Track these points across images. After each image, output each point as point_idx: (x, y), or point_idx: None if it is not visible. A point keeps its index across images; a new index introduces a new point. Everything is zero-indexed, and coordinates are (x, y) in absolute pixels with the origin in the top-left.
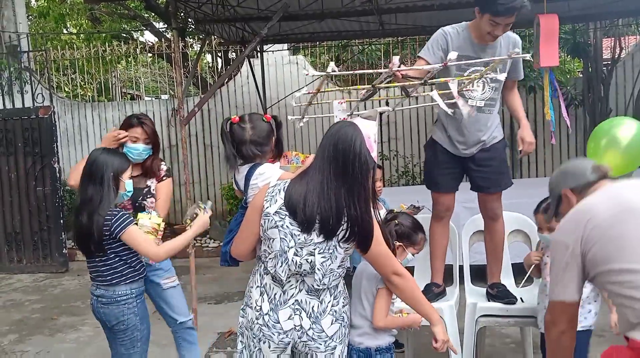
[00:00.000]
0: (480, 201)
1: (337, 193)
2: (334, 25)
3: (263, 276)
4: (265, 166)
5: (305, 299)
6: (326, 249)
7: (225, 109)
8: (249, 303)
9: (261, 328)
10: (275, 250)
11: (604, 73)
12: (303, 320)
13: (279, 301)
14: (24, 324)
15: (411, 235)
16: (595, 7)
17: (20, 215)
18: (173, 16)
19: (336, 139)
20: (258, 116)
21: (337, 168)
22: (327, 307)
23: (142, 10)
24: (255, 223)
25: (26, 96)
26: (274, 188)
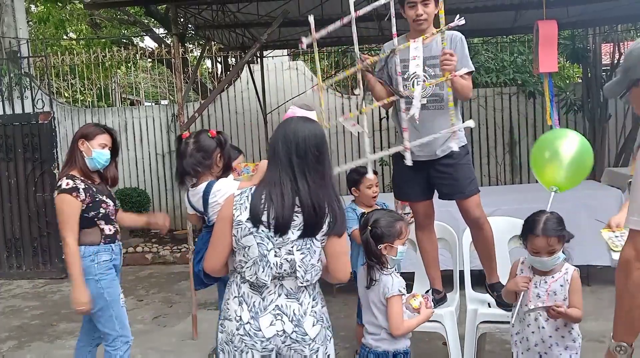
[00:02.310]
0: (461, 210)
1: (320, 191)
2: (334, 31)
3: (240, 286)
4: (220, 183)
5: (285, 303)
6: (303, 245)
7: (225, 114)
8: (227, 316)
9: (242, 338)
10: (254, 257)
11: (603, 78)
12: (285, 324)
13: (259, 309)
14: (23, 330)
15: (390, 230)
16: (594, 12)
17: (19, 221)
18: (173, 22)
19: (287, 137)
20: (203, 132)
21: (298, 164)
22: (308, 309)
23: (142, 16)
24: (227, 234)
25: (26, 102)
26: (241, 196)
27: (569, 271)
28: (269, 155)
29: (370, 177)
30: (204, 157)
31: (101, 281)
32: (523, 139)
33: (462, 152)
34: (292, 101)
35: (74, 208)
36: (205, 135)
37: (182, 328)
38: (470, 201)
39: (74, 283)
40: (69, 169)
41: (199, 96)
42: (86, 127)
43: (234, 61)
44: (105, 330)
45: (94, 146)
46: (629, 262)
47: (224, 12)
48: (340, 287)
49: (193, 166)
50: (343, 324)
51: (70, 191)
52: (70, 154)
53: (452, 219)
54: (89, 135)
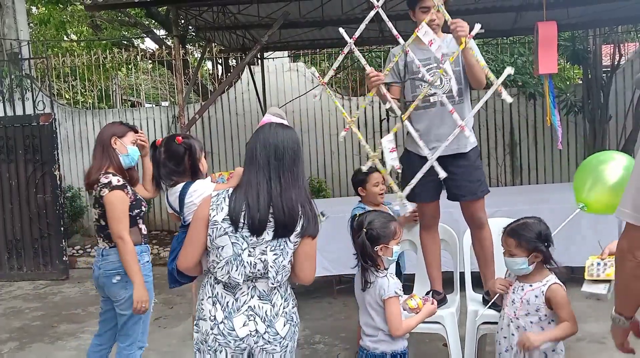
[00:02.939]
0: (464, 210)
1: (293, 193)
2: (334, 32)
3: (214, 286)
4: (197, 184)
5: (257, 304)
6: (277, 246)
7: (225, 116)
8: (201, 316)
9: (216, 337)
10: (227, 256)
11: (603, 80)
12: (258, 324)
13: (232, 309)
14: (24, 332)
15: (385, 231)
16: (594, 14)
17: (20, 222)
18: (174, 23)
19: (266, 141)
20: (171, 140)
21: (274, 167)
22: (279, 310)
23: (143, 17)
24: (202, 234)
25: (27, 103)
26: (218, 197)
27: (547, 283)
28: (247, 158)
29: (375, 174)
30: (175, 165)
31: (145, 283)
32: (523, 140)
33: (473, 154)
34: (293, 102)
35: (126, 205)
36: (174, 143)
37: (182, 330)
38: (478, 203)
39: (137, 282)
40: (105, 167)
41: (200, 97)
42: (115, 126)
43: (235, 63)
44: (128, 332)
45: (126, 143)
46: (623, 253)
47: (224, 13)
48: (341, 289)
49: (168, 175)
50: (343, 325)
51: (122, 188)
52: (102, 153)
53: (452, 221)
54: (120, 133)
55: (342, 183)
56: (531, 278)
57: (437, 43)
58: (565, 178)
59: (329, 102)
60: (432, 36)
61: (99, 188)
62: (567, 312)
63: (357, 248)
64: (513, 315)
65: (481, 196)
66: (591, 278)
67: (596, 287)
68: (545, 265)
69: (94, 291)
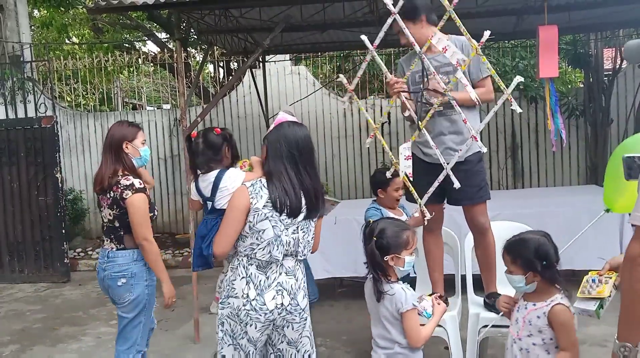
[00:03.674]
0: (465, 214)
1: (310, 181)
2: (335, 35)
3: (247, 268)
4: (230, 171)
5: (285, 280)
6: (305, 226)
7: (227, 119)
8: (232, 294)
9: (248, 313)
10: (269, 238)
11: (605, 83)
12: (284, 298)
13: (264, 286)
14: (25, 334)
15: (397, 241)
16: (595, 17)
17: (22, 225)
18: (176, 27)
19: (287, 137)
20: (210, 131)
21: (298, 159)
22: (301, 284)
23: (145, 20)
24: (241, 221)
25: (29, 106)
26: (254, 187)
27: (551, 304)
28: (271, 152)
29: (398, 179)
30: (214, 153)
31: (149, 287)
32: (525, 144)
33: (475, 159)
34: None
35: (147, 207)
36: (212, 133)
37: (184, 332)
38: (477, 208)
39: (165, 280)
40: (120, 171)
41: (202, 100)
42: (124, 128)
43: (237, 66)
44: (127, 335)
45: (137, 146)
46: (634, 258)
47: (226, 17)
48: (342, 292)
49: (207, 163)
50: (345, 329)
51: (144, 190)
52: (115, 157)
53: (454, 224)
54: (131, 135)
55: (344, 186)
56: (535, 297)
57: (451, 49)
58: (567, 182)
59: (330, 105)
60: (446, 43)
61: (121, 190)
62: (567, 339)
63: (367, 257)
64: (516, 335)
65: (478, 201)
66: (583, 295)
67: (586, 304)
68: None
69: (95, 294)
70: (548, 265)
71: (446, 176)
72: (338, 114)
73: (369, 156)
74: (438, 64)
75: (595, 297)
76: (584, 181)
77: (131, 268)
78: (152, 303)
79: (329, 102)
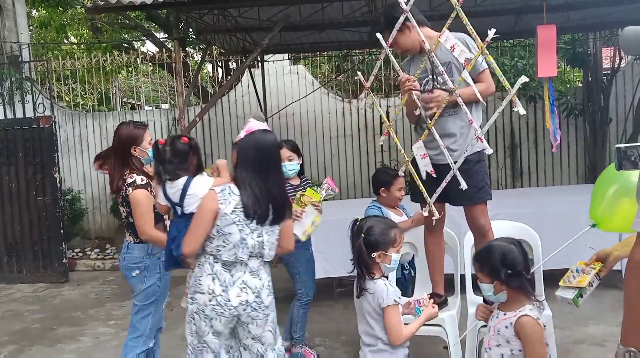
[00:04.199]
0: (466, 215)
1: (278, 187)
2: (334, 35)
3: (213, 265)
4: (197, 178)
5: (249, 279)
6: (270, 230)
7: (226, 119)
8: (198, 290)
9: (214, 308)
10: (235, 241)
11: (603, 83)
12: (248, 295)
13: (229, 283)
14: (23, 334)
15: (384, 238)
16: (594, 17)
17: (20, 225)
18: (174, 26)
19: (256, 145)
20: (177, 140)
21: (265, 167)
22: (265, 283)
23: (143, 20)
24: (210, 223)
25: (27, 106)
26: (224, 193)
27: (518, 315)
28: (240, 159)
29: (401, 179)
30: (181, 161)
31: (162, 279)
32: (524, 143)
33: (474, 159)
34: (293, 105)
35: (151, 203)
36: (180, 142)
37: (182, 332)
38: (476, 208)
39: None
40: (127, 171)
41: (200, 100)
42: (130, 131)
43: (235, 65)
44: (136, 324)
45: (145, 147)
46: (638, 265)
47: (225, 16)
48: (341, 292)
49: (174, 170)
50: (344, 329)
51: (145, 186)
52: (123, 161)
53: (454, 224)
54: (138, 139)
55: (343, 185)
56: (507, 307)
57: (459, 48)
58: (566, 181)
59: (329, 104)
60: (454, 41)
61: (125, 188)
62: (532, 352)
63: (353, 254)
64: (487, 345)
65: (478, 201)
66: (564, 284)
67: (566, 292)
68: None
69: (94, 294)
70: (514, 273)
71: (447, 174)
72: (337, 114)
73: (368, 156)
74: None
75: (575, 286)
76: (582, 180)
77: (145, 261)
78: (163, 296)
79: (328, 102)
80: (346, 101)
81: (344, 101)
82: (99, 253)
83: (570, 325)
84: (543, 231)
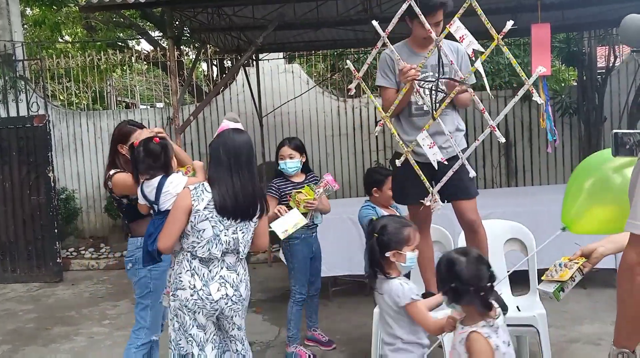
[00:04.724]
0: (457, 212)
1: (250, 185)
2: (329, 34)
3: (191, 262)
4: (172, 177)
5: (227, 274)
6: (244, 226)
7: (220, 117)
8: (180, 286)
9: (196, 302)
10: (208, 237)
11: (598, 81)
12: (228, 289)
13: (208, 278)
14: (17, 334)
15: (398, 237)
16: (589, 16)
17: (14, 224)
18: (168, 25)
19: (226, 145)
20: (150, 141)
21: (236, 166)
22: (242, 278)
23: (138, 18)
24: (183, 220)
25: (21, 105)
26: (196, 190)
27: (468, 331)
28: (212, 159)
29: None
30: (154, 161)
31: (153, 271)
32: (518, 142)
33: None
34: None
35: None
36: (152, 143)
37: None
38: (469, 204)
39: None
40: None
41: (195, 98)
42: (121, 128)
43: (230, 64)
44: (137, 316)
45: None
46: (632, 267)
47: (219, 15)
48: (336, 291)
49: (147, 170)
50: (339, 328)
51: (121, 171)
52: (110, 159)
53: (447, 222)
54: (126, 137)
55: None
56: (465, 320)
57: (468, 39)
58: (561, 180)
59: (324, 103)
60: (465, 32)
61: (107, 184)
62: None
63: (367, 253)
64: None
65: (474, 195)
66: (546, 278)
67: (548, 286)
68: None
69: (88, 294)
70: (458, 287)
71: (441, 173)
72: (332, 113)
73: (363, 154)
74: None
75: (557, 280)
76: None
77: (136, 254)
78: (159, 288)
79: (323, 101)
80: (341, 100)
81: (339, 100)
82: (93, 253)
83: (565, 324)
84: (538, 230)
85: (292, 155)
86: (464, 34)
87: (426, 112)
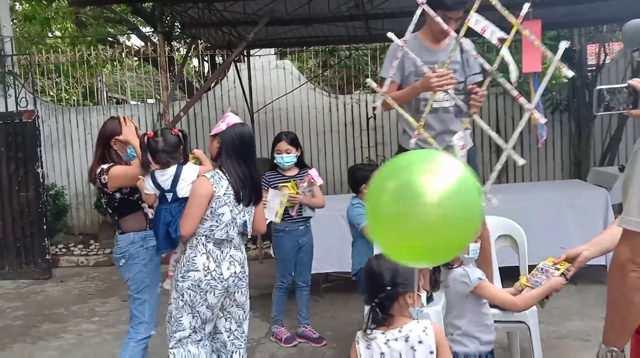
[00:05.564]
0: None
1: (255, 173)
2: (320, 30)
3: (206, 245)
4: (188, 166)
5: (235, 253)
6: (250, 210)
7: (211, 113)
8: (192, 268)
9: (209, 282)
10: (227, 220)
11: (588, 79)
12: (236, 267)
13: (220, 259)
14: (5, 332)
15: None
16: (579, 13)
17: (2, 221)
18: (158, 20)
19: (236, 136)
20: (168, 131)
21: (245, 155)
22: (244, 255)
23: (128, 14)
24: (204, 206)
25: (10, 100)
26: (214, 178)
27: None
28: (224, 148)
29: None
30: (173, 151)
31: (147, 265)
32: (509, 138)
33: (472, 152)
34: (280, 100)
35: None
36: (171, 133)
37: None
38: None
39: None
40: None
41: (185, 94)
42: (114, 124)
43: (221, 60)
44: (134, 312)
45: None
46: (624, 265)
47: (210, 10)
48: (327, 287)
49: (166, 159)
50: (329, 324)
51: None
52: (102, 153)
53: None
54: (116, 131)
55: (329, 181)
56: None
57: (490, 29)
58: (551, 177)
59: (315, 100)
60: (485, 23)
61: (99, 180)
62: None
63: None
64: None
65: None
66: (526, 284)
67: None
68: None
69: (77, 291)
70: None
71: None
72: (323, 109)
73: (355, 151)
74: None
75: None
76: (567, 176)
77: (129, 250)
78: (155, 282)
79: (314, 97)
80: (333, 96)
81: (331, 96)
82: (83, 249)
83: (555, 321)
84: (528, 226)
85: (289, 150)
86: (484, 25)
87: (435, 109)
